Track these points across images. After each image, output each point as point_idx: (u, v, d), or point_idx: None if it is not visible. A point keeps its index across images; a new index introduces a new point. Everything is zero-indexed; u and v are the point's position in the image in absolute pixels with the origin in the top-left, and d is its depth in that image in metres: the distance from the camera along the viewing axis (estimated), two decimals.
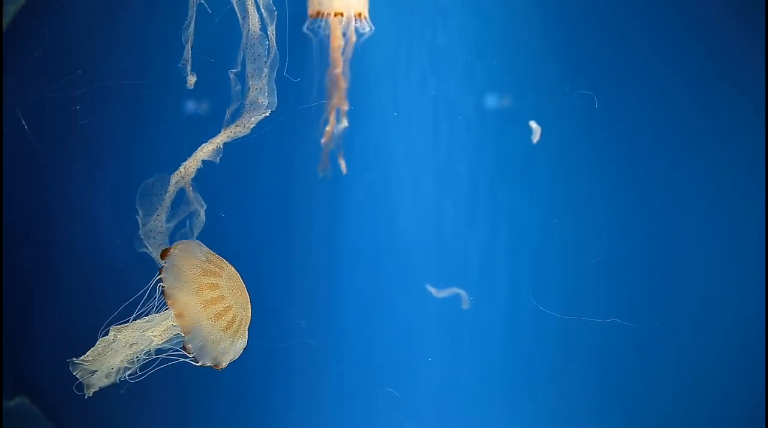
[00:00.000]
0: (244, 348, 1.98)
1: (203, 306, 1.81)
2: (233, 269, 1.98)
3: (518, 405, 3.30)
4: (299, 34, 3.01)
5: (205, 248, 1.98)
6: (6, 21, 2.93)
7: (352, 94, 3.24)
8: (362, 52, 3.17)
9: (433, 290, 3.26)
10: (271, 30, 2.31)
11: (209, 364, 1.87)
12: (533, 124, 3.08)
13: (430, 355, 3.35)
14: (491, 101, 3.24)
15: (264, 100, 2.32)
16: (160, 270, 1.84)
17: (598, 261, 3.14)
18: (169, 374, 2.13)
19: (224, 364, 1.92)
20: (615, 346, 3.14)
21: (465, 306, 3.25)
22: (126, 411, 3.22)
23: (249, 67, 2.31)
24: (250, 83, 2.32)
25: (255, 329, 2.44)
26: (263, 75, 2.31)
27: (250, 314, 1.99)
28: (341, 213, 3.34)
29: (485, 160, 3.25)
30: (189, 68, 2.32)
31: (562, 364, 3.24)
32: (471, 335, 3.31)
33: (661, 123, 3.09)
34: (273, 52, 2.32)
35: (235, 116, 2.38)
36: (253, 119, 2.35)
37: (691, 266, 3.11)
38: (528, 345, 3.27)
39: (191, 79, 2.33)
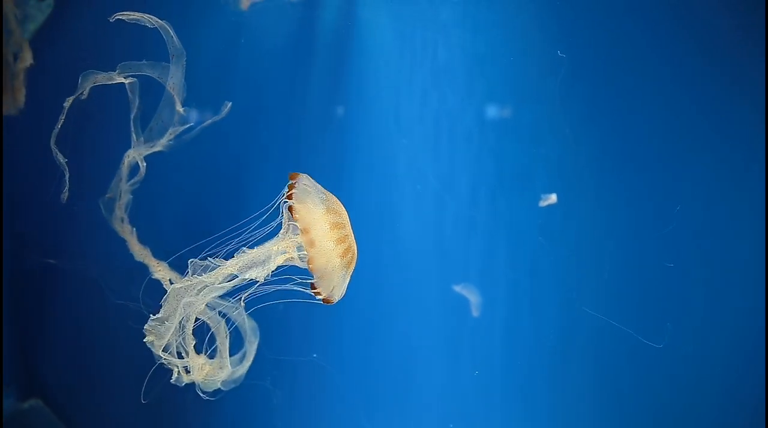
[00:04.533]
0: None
1: (330, 227, 1.80)
2: None
3: (518, 410, 3.33)
4: None
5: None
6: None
7: (355, 107, 3.34)
8: (365, 66, 3.28)
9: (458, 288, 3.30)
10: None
11: (324, 295, 1.83)
12: (553, 196, 3.16)
13: (430, 363, 3.39)
14: (491, 113, 3.32)
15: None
16: (290, 186, 1.81)
17: (597, 262, 3.17)
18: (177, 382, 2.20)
19: (335, 299, 1.87)
20: (614, 349, 3.17)
21: (475, 313, 3.29)
22: (136, 414, 3.27)
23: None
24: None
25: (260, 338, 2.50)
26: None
27: (356, 255, 1.96)
28: None
29: (485, 169, 3.32)
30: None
31: (561, 367, 3.27)
32: (471, 342, 3.35)
33: (660, 128, 3.13)
34: None
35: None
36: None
37: (690, 268, 3.14)
38: (527, 350, 3.30)
39: None
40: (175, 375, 2.03)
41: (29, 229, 3.13)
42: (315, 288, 1.81)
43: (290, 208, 1.78)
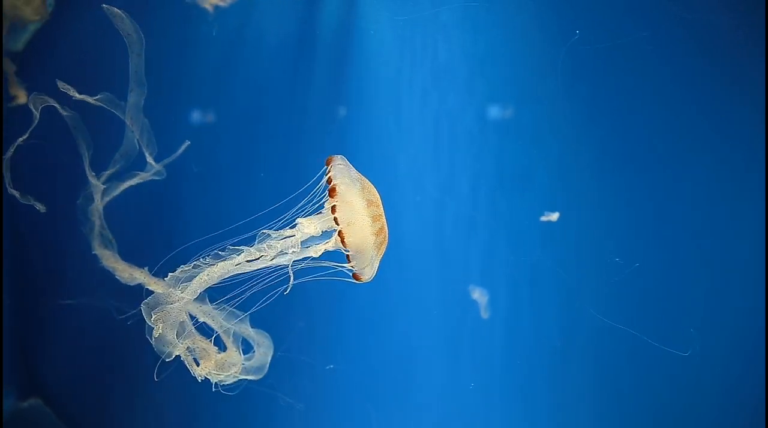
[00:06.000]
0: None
1: (366, 204, 1.84)
2: None
3: (518, 410, 3.33)
4: None
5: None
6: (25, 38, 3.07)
7: (356, 107, 3.34)
8: (365, 66, 3.28)
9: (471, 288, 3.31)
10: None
11: (356, 269, 1.85)
12: (555, 214, 3.16)
13: (430, 363, 3.40)
14: (491, 113, 3.32)
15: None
16: (328, 161, 1.86)
17: (597, 263, 3.17)
18: (180, 380, 2.20)
19: (365, 277, 1.89)
20: (614, 350, 3.17)
21: (485, 315, 3.29)
22: (137, 413, 3.28)
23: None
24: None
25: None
26: None
27: (387, 237, 1.99)
28: None
29: (485, 170, 3.33)
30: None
31: (561, 368, 3.27)
32: (471, 343, 3.35)
33: (660, 128, 3.13)
34: None
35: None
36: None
37: (690, 268, 3.14)
38: (527, 350, 3.31)
39: None
40: (192, 372, 2.05)
41: (29, 230, 3.13)
42: (350, 262, 1.83)
43: (329, 181, 1.82)
